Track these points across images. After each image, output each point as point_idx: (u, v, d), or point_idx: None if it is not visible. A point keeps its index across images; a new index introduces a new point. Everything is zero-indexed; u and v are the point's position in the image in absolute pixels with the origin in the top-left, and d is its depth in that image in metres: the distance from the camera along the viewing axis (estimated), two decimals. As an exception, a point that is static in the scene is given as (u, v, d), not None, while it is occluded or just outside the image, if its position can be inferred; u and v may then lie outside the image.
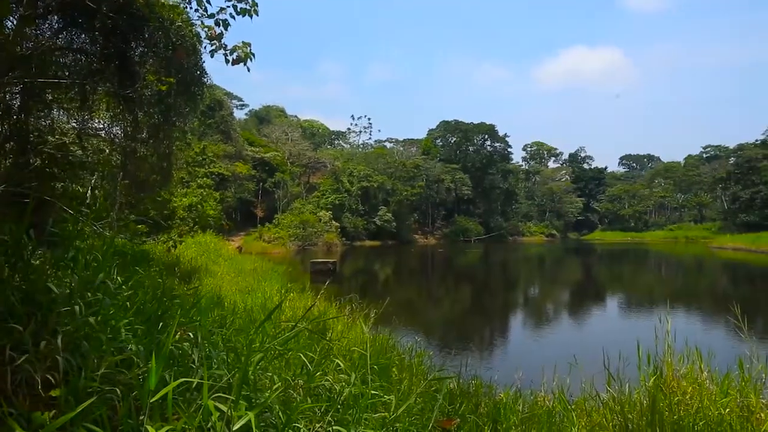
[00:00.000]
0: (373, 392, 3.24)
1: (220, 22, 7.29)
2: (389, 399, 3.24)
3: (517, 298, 24.70)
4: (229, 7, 7.17)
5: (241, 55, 7.38)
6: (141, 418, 2.08)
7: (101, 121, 10.18)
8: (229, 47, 7.42)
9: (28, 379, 2.23)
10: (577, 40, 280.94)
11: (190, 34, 9.40)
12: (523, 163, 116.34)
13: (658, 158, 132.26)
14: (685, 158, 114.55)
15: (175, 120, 10.94)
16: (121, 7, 7.68)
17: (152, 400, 2.03)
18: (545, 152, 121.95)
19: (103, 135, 10.09)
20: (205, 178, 42.58)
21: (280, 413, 2.53)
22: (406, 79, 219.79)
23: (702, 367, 5.88)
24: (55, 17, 8.02)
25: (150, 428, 1.98)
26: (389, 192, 69.41)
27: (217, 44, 7.40)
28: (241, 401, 2.30)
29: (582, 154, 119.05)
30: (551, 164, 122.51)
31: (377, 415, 3.07)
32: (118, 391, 2.27)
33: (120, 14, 7.77)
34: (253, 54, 7.48)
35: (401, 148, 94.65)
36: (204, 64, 10.79)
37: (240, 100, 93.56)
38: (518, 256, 54.67)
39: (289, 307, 10.19)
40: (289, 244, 51.17)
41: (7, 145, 6.40)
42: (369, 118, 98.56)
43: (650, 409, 4.10)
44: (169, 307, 3.94)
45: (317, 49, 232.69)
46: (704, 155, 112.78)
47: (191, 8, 8.13)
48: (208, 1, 7.39)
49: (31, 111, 7.20)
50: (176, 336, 3.05)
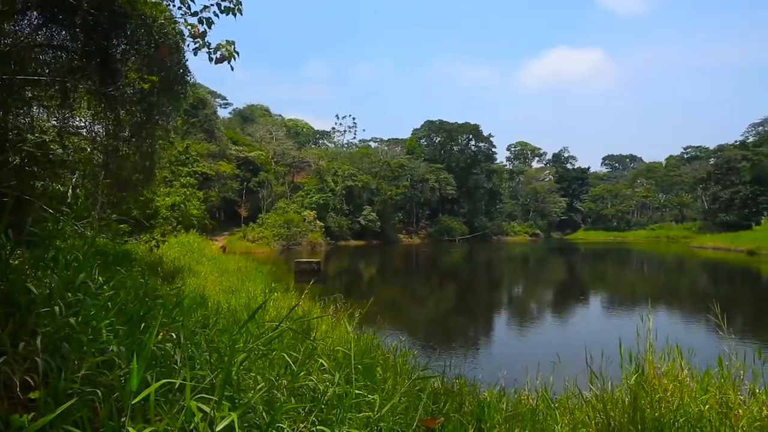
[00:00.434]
0: (357, 392, 3.24)
1: (204, 20, 7.23)
2: (373, 398, 3.24)
3: (501, 298, 24.84)
4: (212, 5, 7.12)
5: (225, 54, 7.33)
6: (123, 419, 2.06)
7: (82, 119, 10.06)
8: (213, 46, 7.37)
9: (7, 381, 2.20)
10: (559, 41, 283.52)
11: (173, 32, 9.31)
12: (507, 163, 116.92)
13: (640, 158, 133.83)
14: (667, 159, 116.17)
15: (157, 118, 10.84)
16: (102, 4, 7.59)
17: (134, 402, 2.01)
18: (529, 152, 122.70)
19: (84, 133, 9.97)
20: (188, 178, 42.34)
21: (263, 413, 2.52)
22: (391, 80, 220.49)
23: (682, 364, 5.98)
24: (35, 13, 7.90)
25: (132, 430, 1.96)
26: (374, 191, 69.44)
27: (201, 42, 7.35)
28: (224, 402, 2.29)
29: (565, 155, 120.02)
30: (535, 164, 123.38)
31: (361, 414, 3.07)
32: (100, 393, 2.25)
33: (101, 11, 7.68)
34: (237, 53, 7.44)
35: (386, 148, 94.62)
36: (187, 63, 10.70)
37: (224, 98, 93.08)
38: (502, 255, 54.95)
39: (273, 307, 10.15)
40: (273, 244, 50.98)
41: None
42: (353, 118, 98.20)
43: (632, 406, 4.15)
44: (152, 307, 3.90)
45: (302, 48, 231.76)
46: (685, 156, 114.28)
47: (174, 6, 8.09)
48: (192, -1, 7.34)
49: (10, 108, 7.09)
50: (159, 337, 3.02)
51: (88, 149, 9.53)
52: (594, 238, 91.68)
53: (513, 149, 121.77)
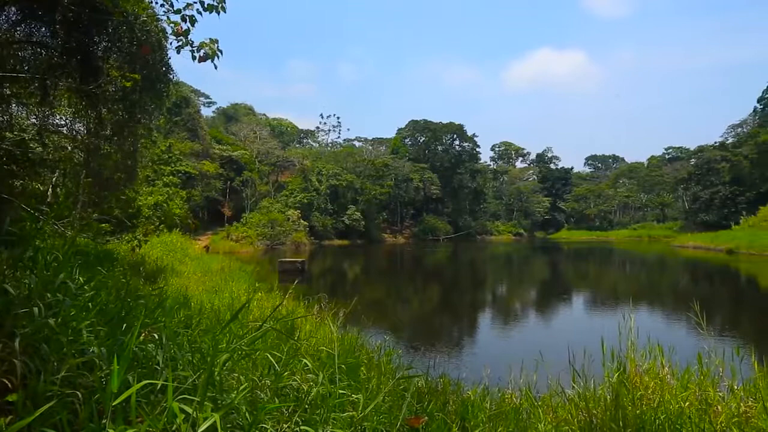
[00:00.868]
0: (341, 391, 3.23)
1: (187, 18, 7.16)
2: (357, 398, 3.24)
3: (485, 297, 24.95)
4: (195, 2, 7.05)
5: (209, 53, 7.26)
6: (103, 421, 2.03)
7: (63, 117, 9.93)
8: (196, 44, 7.30)
9: (-16, 383, 2.16)
10: (542, 42, 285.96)
11: (156, 30, 9.22)
12: (491, 163, 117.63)
13: (622, 159, 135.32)
14: (649, 159, 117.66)
15: (140, 117, 10.73)
16: (83, 0, 7.49)
17: (115, 403, 1.99)
18: (513, 152, 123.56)
19: (64, 131, 9.85)
20: (171, 177, 41.98)
21: (246, 414, 2.51)
22: (375, 80, 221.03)
23: (663, 362, 6.06)
24: (13, 9, 7.77)
25: (112, 431, 1.94)
26: (358, 191, 69.35)
27: (184, 41, 7.27)
28: (206, 402, 2.27)
29: (549, 155, 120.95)
30: (519, 164, 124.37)
31: (345, 414, 3.07)
32: (80, 395, 2.22)
33: (82, 7, 7.58)
34: (221, 51, 7.37)
35: (370, 147, 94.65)
36: (170, 61, 10.61)
37: (207, 97, 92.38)
38: (486, 254, 55.21)
39: (257, 306, 10.11)
40: (257, 244, 50.74)
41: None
42: (338, 117, 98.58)
43: (614, 404, 4.19)
44: (133, 307, 3.86)
45: (286, 47, 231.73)
46: (666, 156, 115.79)
47: (157, 3, 7.97)
48: (175, -3, 7.27)
49: (-12, 106, 6.98)
50: (140, 337, 2.99)
51: (69, 148, 9.41)
52: (577, 238, 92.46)
53: (497, 149, 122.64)
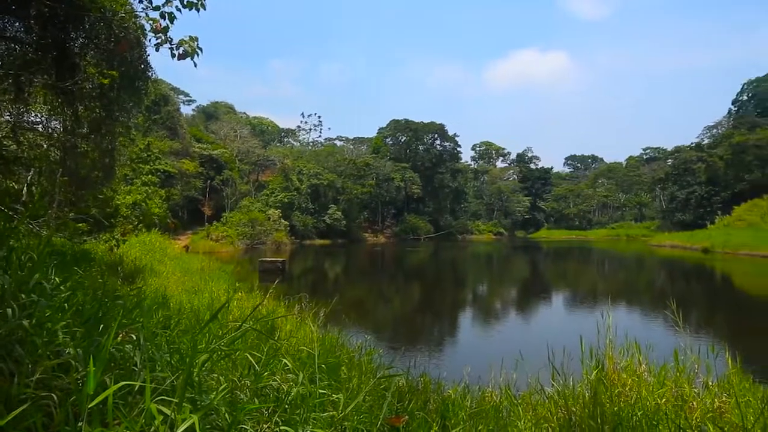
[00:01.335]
0: (322, 391, 3.23)
1: (166, 14, 7.08)
2: (338, 398, 3.23)
3: (465, 296, 25.08)
4: (174, -1, 6.98)
5: (188, 50, 7.19)
6: (79, 424, 2.00)
7: (38, 115, 9.76)
8: (176, 41, 7.22)
9: (-45, 386, 2.12)
10: (524, 43, 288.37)
11: (134, 27, 9.08)
12: (472, 163, 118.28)
13: (601, 159, 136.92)
14: (627, 159, 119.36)
15: (118, 115, 10.58)
16: (59, -4, 7.37)
17: (91, 405, 1.96)
18: (493, 152, 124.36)
19: (40, 129, 9.67)
20: (150, 176, 41.51)
21: (226, 415, 2.49)
22: (357, 79, 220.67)
23: (641, 359, 6.16)
24: (-14, 4, 7.61)
25: (88, 434, 1.92)
26: (339, 190, 69.22)
27: (163, 38, 7.19)
28: (185, 404, 2.25)
29: (529, 155, 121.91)
30: (499, 164, 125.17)
31: (326, 414, 3.06)
32: (55, 397, 2.18)
33: (57, 2, 7.44)
34: (201, 49, 7.31)
35: (351, 147, 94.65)
36: (149, 58, 10.46)
37: (187, 95, 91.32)
38: (467, 254, 55.51)
39: (237, 307, 10.04)
40: (237, 243, 50.36)
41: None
42: (319, 116, 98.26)
43: (592, 401, 4.25)
44: (111, 308, 3.80)
45: (268, 46, 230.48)
46: (644, 156, 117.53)
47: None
48: (153, -7, 7.17)
49: (-40, 103, 6.83)
50: (118, 338, 2.95)
51: (45, 145, 9.25)
52: (557, 237, 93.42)
53: (478, 149, 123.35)
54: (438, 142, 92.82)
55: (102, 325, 3.18)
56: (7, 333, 2.44)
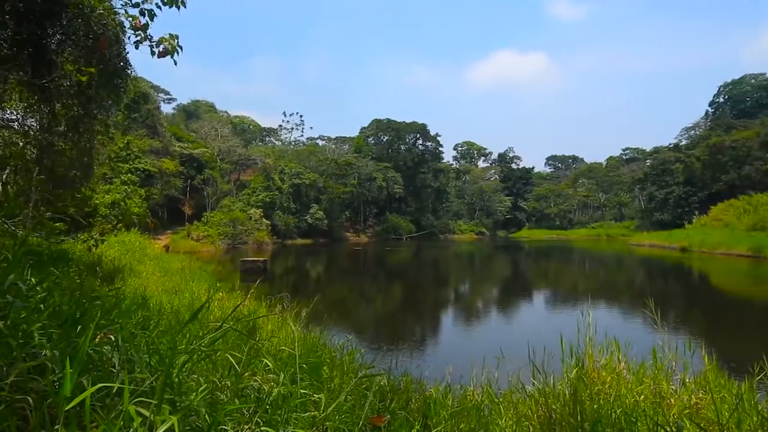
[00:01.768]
0: (303, 391, 3.22)
1: (146, 11, 7.01)
2: (319, 398, 3.22)
3: (447, 295, 25.16)
4: (155, -4, 6.91)
5: (168, 48, 7.13)
6: (56, 427, 1.97)
7: (14, 112, 9.59)
8: (155, 39, 7.15)
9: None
10: (504, 44, 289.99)
11: (113, 23, 8.95)
12: (454, 163, 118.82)
13: (581, 159, 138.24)
14: (607, 159, 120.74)
15: (96, 113, 10.42)
16: (35, -9, 7.24)
17: (68, 408, 1.93)
18: (475, 152, 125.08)
19: (16, 127, 9.50)
20: (129, 175, 41.07)
21: (206, 416, 2.47)
22: (339, 79, 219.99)
23: (620, 357, 6.26)
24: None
25: (65, 437, 1.89)
26: (321, 190, 69.06)
27: (142, 35, 7.12)
28: (164, 405, 2.23)
29: (510, 154, 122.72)
30: (481, 164, 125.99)
31: (307, 414, 3.05)
32: (30, 400, 2.15)
33: (34, -2, 7.32)
34: (181, 47, 7.25)
35: (333, 146, 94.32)
36: (128, 56, 10.33)
37: (167, 93, 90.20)
38: (449, 253, 55.70)
39: (218, 307, 9.96)
40: (218, 243, 50.01)
41: None
42: (301, 116, 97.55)
43: (572, 399, 4.29)
44: (89, 309, 3.75)
45: (249, 45, 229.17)
46: (624, 157, 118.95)
47: (114, -4, 7.78)
48: (133, -10, 7.10)
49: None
50: (95, 339, 2.91)
51: (21, 144, 9.09)
52: (538, 236, 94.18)
53: (459, 149, 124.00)
54: (420, 141, 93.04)
55: (79, 327, 3.13)
56: (-19, 335, 2.40)
